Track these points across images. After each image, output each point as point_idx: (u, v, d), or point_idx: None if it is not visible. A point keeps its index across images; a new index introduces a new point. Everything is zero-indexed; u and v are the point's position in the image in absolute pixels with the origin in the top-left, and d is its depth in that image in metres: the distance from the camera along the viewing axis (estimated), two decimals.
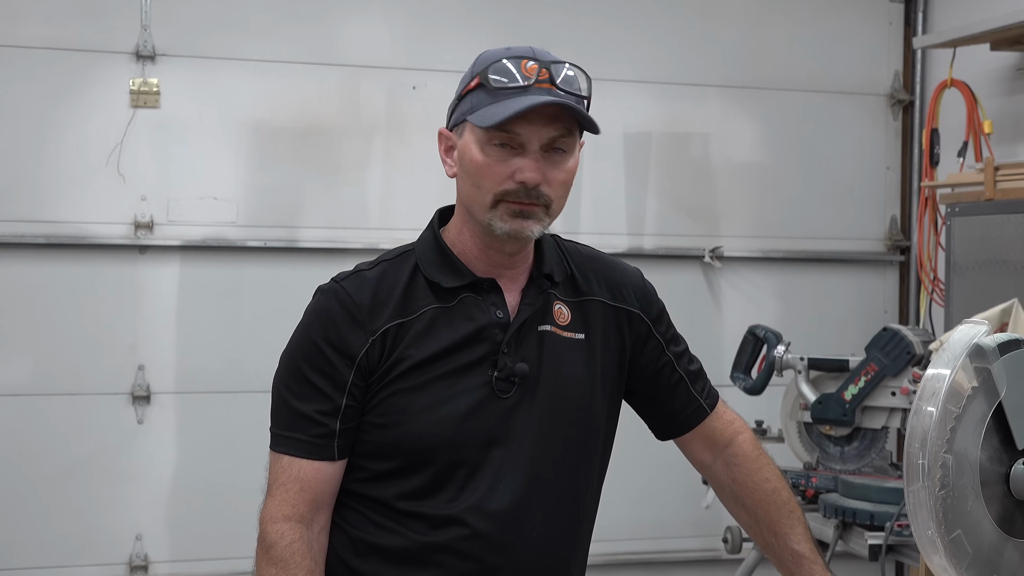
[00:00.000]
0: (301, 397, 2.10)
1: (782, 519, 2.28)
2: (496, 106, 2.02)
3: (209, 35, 4.68)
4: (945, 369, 1.66)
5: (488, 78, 2.04)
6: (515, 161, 2.03)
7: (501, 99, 2.02)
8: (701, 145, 5.20)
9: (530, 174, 2.02)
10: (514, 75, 2.03)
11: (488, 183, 2.05)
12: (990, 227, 4.17)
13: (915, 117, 5.32)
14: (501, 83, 2.03)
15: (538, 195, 2.04)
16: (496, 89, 2.03)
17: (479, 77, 2.06)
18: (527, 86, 2.02)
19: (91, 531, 4.60)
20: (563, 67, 2.05)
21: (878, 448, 3.98)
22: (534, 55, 2.06)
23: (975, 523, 1.66)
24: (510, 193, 2.04)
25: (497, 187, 2.04)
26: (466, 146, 2.08)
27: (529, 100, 2.00)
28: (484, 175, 2.05)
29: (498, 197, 2.05)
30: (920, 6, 5.29)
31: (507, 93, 2.02)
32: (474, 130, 2.06)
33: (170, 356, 4.67)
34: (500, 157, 2.04)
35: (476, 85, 2.07)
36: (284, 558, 2.06)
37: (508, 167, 2.04)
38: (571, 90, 2.04)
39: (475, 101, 2.06)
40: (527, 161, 2.03)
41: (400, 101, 4.85)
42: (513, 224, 2.05)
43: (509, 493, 2.10)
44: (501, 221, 2.05)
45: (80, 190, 4.57)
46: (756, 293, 5.24)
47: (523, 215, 2.05)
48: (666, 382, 2.31)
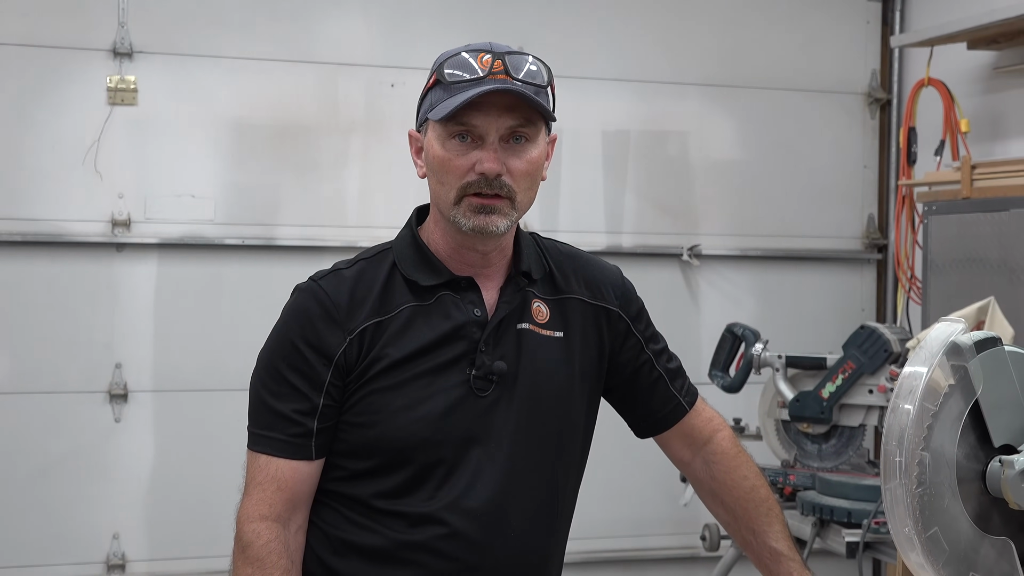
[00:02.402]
0: (279, 396, 2.10)
1: (760, 516, 2.28)
2: (451, 99, 2.02)
3: (187, 32, 4.66)
4: (922, 367, 1.66)
5: (443, 73, 2.05)
6: (475, 154, 2.04)
7: (455, 92, 2.03)
8: (679, 143, 5.20)
9: (488, 164, 2.02)
10: (469, 67, 2.04)
11: (450, 177, 2.05)
12: (967, 225, 4.19)
13: (892, 116, 5.34)
14: (456, 76, 2.04)
15: (500, 185, 2.04)
16: (451, 84, 2.03)
17: (436, 74, 2.07)
18: (481, 77, 2.02)
19: (68, 530, 4.58)
20: (520, 58, 2.05)
21: (855, 446, 3.99)
22: (490, 48, 2.06)
23: (952, 520, 1.66)
24: (471, 185, 2.04)
25: (459, 180, 2.04)
26: (429, 144, 2.08)
27: (479, 90, 2.00)
28: (446, 170, 2.05)
29: (461, 191, 2.05)
30: (897, 5, 5.30)
31: (461, 86, 2.03)
32: (435, 127, 2.06)
33: (147, 354, 4.66)
34: (460, 151, 2.04)
35: (434, 82, 2.07)
36: (260, 557, 2.06)
37: (468, 160, 2.04)
38: (528, 80, 2.04)
39: (434, 98, 2.07)
40: (485, 152, 2.03)
41: (378, 99, 4.85)
42: (477, 220, 2.05)
43: (487, 491, 2.10)
44: (465, 217, 2.05)
45: (57, 188, 4.55)
46: (734, 291, 5.25)
47: (487, 210, 2.04)
48: (645, 380, 2.31)
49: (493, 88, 2.00)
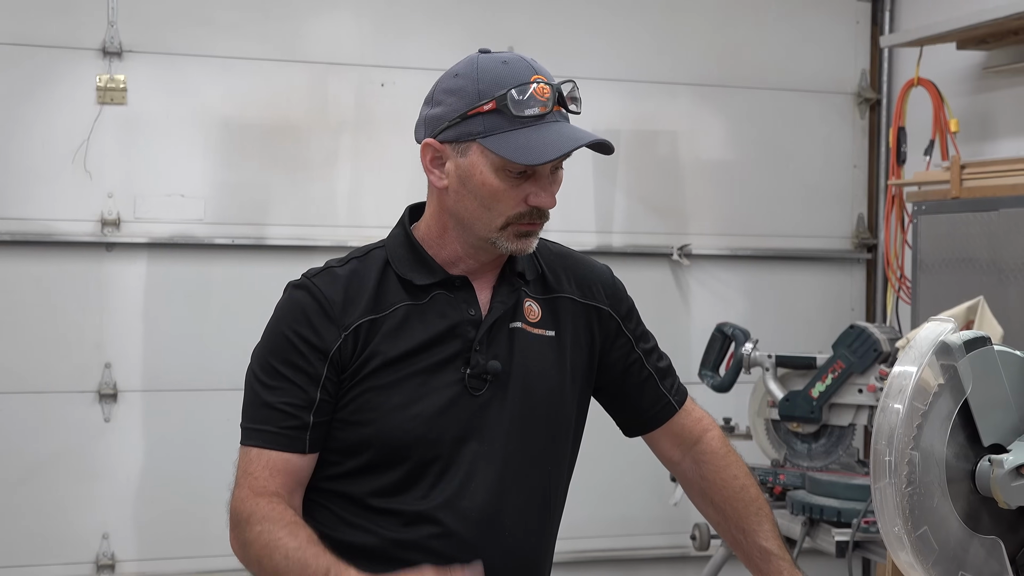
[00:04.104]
0: (272, 390, 2.09)
1: (750, 516, 2.29)
2: (518, 135, 2.03)
3: (176, 31, 4.65)
4: (912, 366, 1.67)
5: (507, 105, 2.03)
6: (527, 186, 2.07)
7: (519, 127, 2.04)
8: (669, 143, 5.21)
9: (546, 199, 2.08)
10: (531, 102, 2.04)
11: (501, 207, 2.07)
12: (956, 225, 4.19)
13: (882, 116, 5.34)
14: (520, 111, 2.04)
15: (546, 216, 2.11)
16: (515, 116, 2.04)
17: (495, 102, 2.04)
18: (544, 113, 2.05)
19: (57, 530, 4.57)
20: (567, 86, 2.09)
21: (845, 445, 4.00)
22: (535, 70, 2.07)
23: (941, 519, 1.66)
24: (523, 216, 2.08)
25: (510, 211, 2.08)
26: (473, 167, 2.07)
27: (555, 135, 2.04)
28: (498, 199, 2.07)
29: (509, 220, 2.08)
30: (887, 5, 5.31)
31: (526, 121, 2.04)
32: (486, 153, 2.05)
33: (137, 354, 4.65)
34: (515, 183, 2.07)
35: (491, 109, 2.05)
36: (267, 516, 2.03)
37: (521, 192, 2.07)
38: (575, 109, 2.10)
39: (488, 124, 2.05)
40: (541, 187, 2.08)
41: (368, 98, 4.84)
42: (519, 244, 2.10)
43: (481, 490, 2.11)
44: (507, 241, 2.10)
45: (46, 187, 4.54)
46: (724, 291, 5.26)
47: (530, 235, 2.11)
48: (635, 379, 2.31)
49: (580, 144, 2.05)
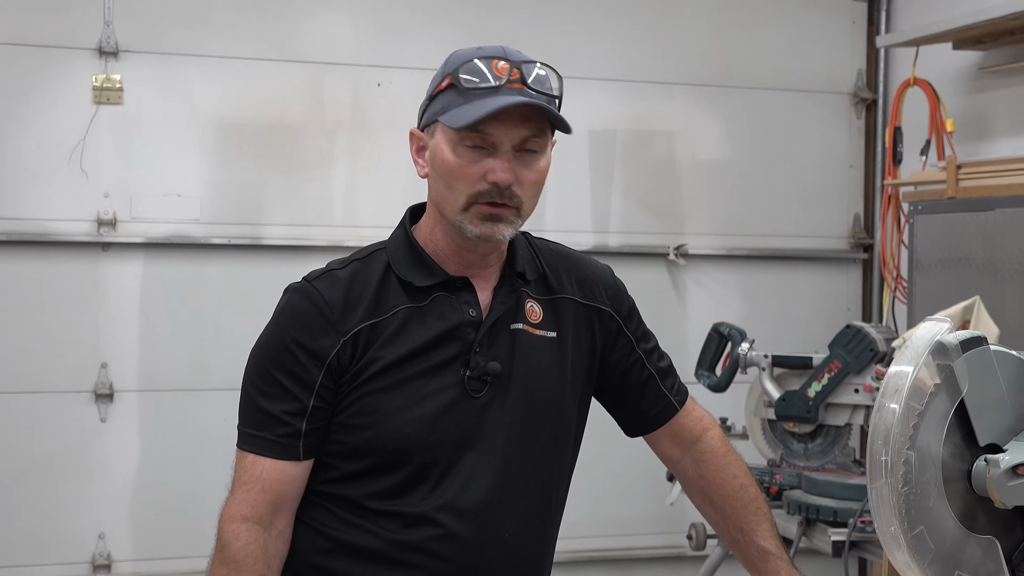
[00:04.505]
0: (268, 396, 2.09)
1: (749, 515, 2.29)
2: (467, 107, 2.01)
3: (173, 31, 4.65)
4: (908, 366, 1.67)
5: (459, 78, 2.03)
6: (487, 162, 2.03)
7: (472, 99, 2.01)
8: (666, 143, 5.21)
9: (502, 174, 2.02)
10: (485, 75, 2.02)
11: (460, 184, 2.04)
12: (952, 225, 4.20)
13: (878, 115, 5.35)
14: (472, 83, 2.02)
15: (510, 195, 2.04)
16: (467, 89, 2.02)
17: (450, 77, 2.05)
18: (498, 86, 2.01)
19: (54, 530, 4.57)
20: (534, 67, 2.05)
21: (841, 445, 4.00)
22: (505, 55, 2.05)
23: (937, 519, 1.66)
24: (483, 194, 2.03)
25: (470, 188, 2.03)
26: (437, 147, 2.07)
27: (500, 100, 1.99)
28: (456, 176, 2.04)
29: (471, 199, 2.04)
30: (883, 5, 5.32)
31: (478, 93, 2.01)
32: (446, 131, 2.05)
33: (133, 354, 4.64)
34: (472, 158, 2.03)
35: (447, 85, 2.06)
36: (237, 559, 2.05)
37: (480, 168, 2.03)
38: (542, 89, 2.04)
39: (446, 102, 2.05)
40: (499, 162, 2.02)
41: (365, 98, 4.84)
42: (484, 228, 2.05)
43: (482, 492, 2.10)
44: (472, 224, 2.05)
45: (42, 187, 4.53)
46: (720, 291, 5.26)
47: (494, 219, 2.05)
48: (636, 379, 2.31)
49: (517, 102, 1.99)
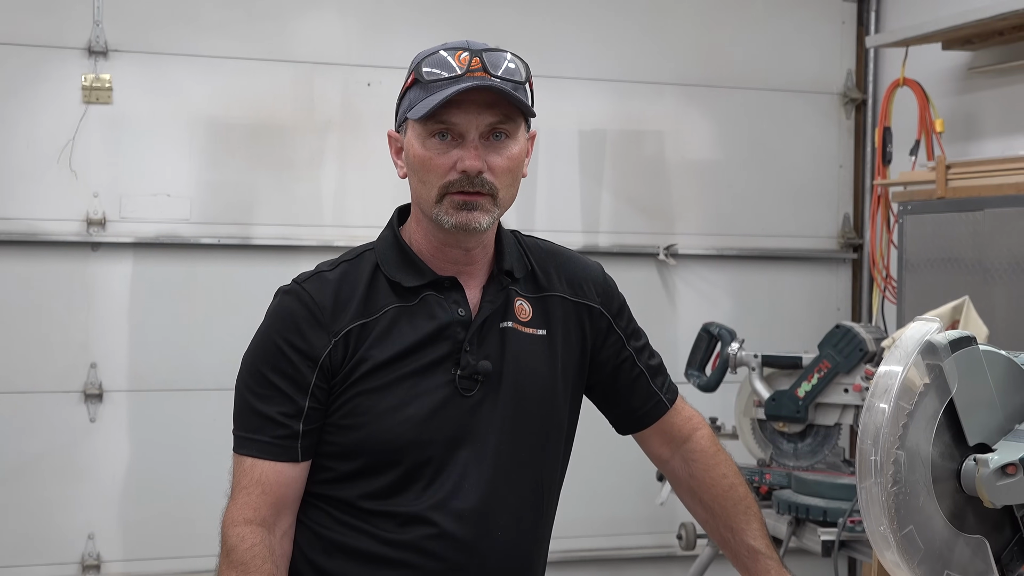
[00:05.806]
0: (263, 399, 2.09)
1: (739, 515, 2.29)
2: (430, 98, 2.02)
3: (162, 31, 4.65)
4: (897, 366, 1.67)
5: (421, 72, 2.04)
6: (455, 152, 2.03)
7: (434, 91, 2.02)
8: (655, 143, 5.21)
9: (470, 162, 2.02)
10: (447, 65, 2.03)
11: (432, 176, 2.05)
12: (942, 225, 4.20)
13: (868, 116, 5.36)
14: (434, 75, 2.03)
15: (482, 183, 2.04)
16: (429, 82, 2.03)
17: (414, 73, 2.07)
18: (460, 75, 2.02)
19: (43, 530, 4.56)
20: (498, 55, 2.05)
21: (831, 445, 4.00)
22: (467, 46, 2.06)
23: (927, 519, 1.66)
24: (453, 184, 2.04)
25: (441, 179, 2.04)
26: (409, 143, 2.08)
27: (459, 87, 2.00)
28: (427, 169, 2.05)
29: (443, 190, 2.04)
30: (873, 5, 5.32)
31: (439, 84, 2.02)
32: (414, 126, 2.06)
33: (123, 354, 4.64)
34: (441, 149, 2.04)
35: (412, 82, 2.07)
36: (244, 562, 2.05)
37: (449, 158, 2.03)
38: (505, 76, 2.04)
39: (413, 97, 2.06)
40: (466, 150, 2.03)
41: (354, 98, 4.84)
42: (459, 217, 2.05)
43: (475, 491, 2.10)
44: (447, 215, 2.05)
45: (32, 187, 4.53)
46: (710, 290, 5.26)
47: (468, 206, 2.04)
48: (626, 377, 2.31)
49: (472, 85, 2.00)
